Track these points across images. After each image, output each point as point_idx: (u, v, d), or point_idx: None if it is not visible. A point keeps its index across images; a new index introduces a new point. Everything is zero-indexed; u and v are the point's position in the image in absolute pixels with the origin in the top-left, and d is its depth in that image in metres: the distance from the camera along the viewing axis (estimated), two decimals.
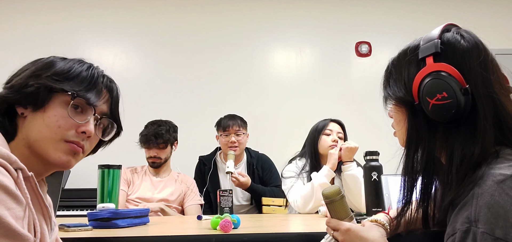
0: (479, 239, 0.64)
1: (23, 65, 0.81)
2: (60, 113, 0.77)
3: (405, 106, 0.82)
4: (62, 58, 0.83)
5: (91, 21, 3.45)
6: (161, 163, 2.44)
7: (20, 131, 0.76)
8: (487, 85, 0.74)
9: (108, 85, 0.86)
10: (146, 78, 3.43)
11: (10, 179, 0.62)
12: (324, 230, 1.39)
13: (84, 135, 0.79)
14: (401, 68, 0.84)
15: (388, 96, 0.86)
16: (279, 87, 3.51)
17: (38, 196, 0.70)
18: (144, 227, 1.44)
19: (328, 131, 2.17)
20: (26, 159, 0.73)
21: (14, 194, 0.60)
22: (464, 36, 0.78)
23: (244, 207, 2.64)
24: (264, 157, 2.76)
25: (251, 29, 3.58)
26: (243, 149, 2.66)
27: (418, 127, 0.79)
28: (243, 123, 2.66)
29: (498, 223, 0.63)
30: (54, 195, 1.30)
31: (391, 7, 3.63)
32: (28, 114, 0.76)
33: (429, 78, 0.75)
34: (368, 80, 3.55)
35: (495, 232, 0.63)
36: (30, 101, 0.76)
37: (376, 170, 1.66)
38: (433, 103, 0.74)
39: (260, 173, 2.65)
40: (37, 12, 3.40)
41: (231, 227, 1.25)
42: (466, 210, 0.68)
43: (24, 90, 0.76)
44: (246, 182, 2.45)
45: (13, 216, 0.59)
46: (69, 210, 2.75)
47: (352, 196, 2.04)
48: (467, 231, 0.66)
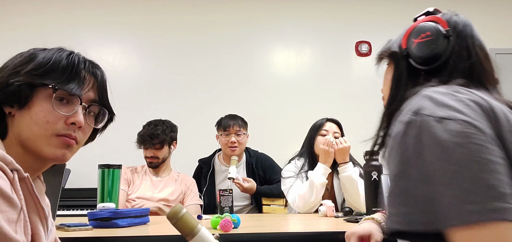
0: (420, 123, 0.61)
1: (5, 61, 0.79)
2: (46, 108, 0.75)
3: (393, 60, 0.87)
4: (42, 49, 0.80)
5: (91, 21, 3.45)
6: (159, 163, 2.44)
7: (11, 130, 0.75)
8: (469, 47, 0.78)
9: (92, 71, 0.83)
10: (146, 78, 3.43)
11: (6, 180, 0.62)
12: (324, 230, 1.39)
13: (74, 126, 0.78)
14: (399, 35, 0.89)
15: (383, 53, 0.92)
16: (279, 87, 3.51)
17: (34, 197, 0.70)
18: (144, 227, 1.44)
19: (324, 131, 2.18)
20: (21, 158, 0.73)
21: (8, 197, 0.60)
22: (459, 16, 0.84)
23: (246, 207, 2.63)
24: (264, 156, 2.75)
25: (251, 29, 3.58)
26: (243, 149, 2.66)
27: (399, 76, 0.83)
28: (244, 123, 2.66)
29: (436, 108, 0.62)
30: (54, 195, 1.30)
31: (391, 7, 3.63)
32: (16, 113, 0.75)
33: (418, 26, 0.82)
34: (368, 80, 3.55)
35: (437, 113, 0.61)
36: (15, 100, 0.74)
37: (376, 170, 1.66)
38: (417, 42, 0.80)
39: (260, 173, 2.64)
40: (37, 12, 3.41)
41: (231, 226, 1.25)
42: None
43: (6, 90, 0.74)
44: (250, 187, 2.41)
45: (5, 219, 0.58)
46: (69, 210, 2.75)
47: (350, 196, 2.05)
48: (407, 123, 0.63)
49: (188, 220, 0.82)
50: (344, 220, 1.58)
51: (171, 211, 0.82)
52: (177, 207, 0.82)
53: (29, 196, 0.68)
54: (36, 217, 0.70)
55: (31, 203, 0.69)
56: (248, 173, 2.64)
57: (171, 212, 0.82)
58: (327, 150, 2.04)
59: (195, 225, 0.82)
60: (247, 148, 2.76)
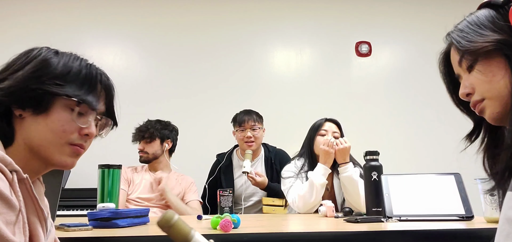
0: None
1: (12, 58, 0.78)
2: (64, 117, 0.76)
3: (500, 49, 0.72)
4: (54, 52, 0.80)
5: (91, 21, 3.44)
6: (149, 158, 2.45)
7: (19, 133, 0.74)
8: None
9: (106, 84, 0.85)
10: (146, 78, 3.43)
11: (5, 182, 0.62)
12: (324, 230, 1.39)
13: (86, 137, 0.80)
14: (483, 18, 0.76)
15: (474, 51, 0.75)
16: (279, 87, 3.50)
17: (33, 198, 0.70)
18: (144, 227, 1.44)
19: (323, 131, 2.18)
20: (27, 161, 0.73)
21: (7, 199, 0.60)
22: None
23: (258, 203, 2.60)
24: (282, 152, 2.73)
25: (251, 29, 3.58)
26: (259, 144, 2.64)
27: None
28: (259, 118, 2.65)
29: None
30: (54, 195, 1.30)
31: (391, 7, 3.62)
32: (27, 116, 0.74)
33: None
34: (368, 80, 3.56)
35: None
36: (31, 105, 0.74)
37: (376, 170, 1.67)
38: None
39: (278, 169, 2.61)
40: (37, 13, 3.40)
41: (231, 226, 1.25)
42: None
43: (25, 95, 0.73)
44: (263, 181, 2.44)
45: (4, 221, 0.58)
46: (69, 210, 2.75)
47: (350, 196, 2.05)
48: None
49: (180, 227, 0.77)
50: (344, 220, 1.58)
51: (162, 218, 0.76)
52: (169, 214, 0.76)
53: (28, 197, 0.68)
54: (35, 218, 0.70)
55: (30, 204, 0.69)
56: (267, 168, 2.63)
57: (163, 219, 0.75)
58: (327, 150, 2.04)
59: (188, 231, 0.79)
60: (265, 143, 2.76)
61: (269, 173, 2.57)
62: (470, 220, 1.49)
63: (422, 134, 3.38)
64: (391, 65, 3.58)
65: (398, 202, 1.57)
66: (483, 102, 0.76)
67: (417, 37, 3.53)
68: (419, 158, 3.36)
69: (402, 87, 3.50)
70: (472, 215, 1.50)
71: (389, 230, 1.32)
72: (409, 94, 3.51)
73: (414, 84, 3.51)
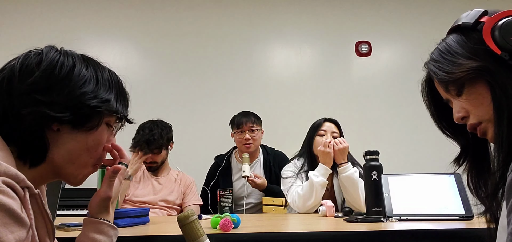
0: None
1: (30, 63, 0.72)
2: (104, 135, 0.75)
3: (481, 75, 0.71)
4: (80, 61, 0.75)
5: (91, 21, 3.45)
6: (158, 166, 2.43)
7: (55, 148, 0.71)
8: None
9: (126, 91, 0.83)
10: (146, 78, 3.43)
11: (17, 199, 0.62)
12: (324, 230, 1.39)
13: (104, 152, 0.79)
14: (456, 45, 0.75)
15: (456, 79, 0.74)
16: (279, 87, 3.51)
17: (43, 212, 0.70)
18: (144, 227, 1.44)
19: (322, 131, 2.18)
20: (43, 174, 0.72)
21: (18, 217, 0.60)
22: None
23: (258, 204, 2.60)
24: (281, 154, 2.73)
25: (251, 29, 3.58)
26: (257, 146, 2.63)
27: (505, 84, 0.68)
28: (257, 119, 2.63)
29: None
30: (54, 195, 1.30)
31: (391, 7, 3.63)
32: (64, 130, 0.71)
33: (503, 20, 0.68)
34: (368, 80, 3.56)
35: None
36: (79, 122, 0.70)
37: (376, 170, 1.67)
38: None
39: (276, 171, 2.61)
40: (37, 13, 3.40)
41: (231, 226, 1.25)
42: None
43: (77, 111, 0.70)
44: (262, 183, 2.44)
45: (16, 239, 0.59)
46: (69, 210, 2.75)
47: (350, 196, 2.05)
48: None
49: (196, 228, 0.86)
50: (344, 220, 1.58)
51: (183, 213, 0.86)
52: (190, 212, 0.87)
53: (39, 211, 0.68)
54: (44, 231, 0.70)
55: (40, 218, 0.69)
56: (265, 170, 2.62)
57: (183, 214, 0.86)
58: (324, 151, 2.04)
59: (201, 234, 0.86)
60: (264, 145, 2.74)
61: (267, 175, 2.56)
62: (470, 220, 1.49)
63: (422, 134, 3.37)
64: (391, 65, 3.58)
65: (398, 202, 1.57)
66: (482, 125, 0.74)
67: (417, 37, 3.52)
68: (419, 158, 3.36)
69: (402, 87, 3.50)
70: (472, 215, 1.50)
71: (389, 230, 1.32)
72: (409, 94, 3.51)
73: (414, 84, 3.48)
